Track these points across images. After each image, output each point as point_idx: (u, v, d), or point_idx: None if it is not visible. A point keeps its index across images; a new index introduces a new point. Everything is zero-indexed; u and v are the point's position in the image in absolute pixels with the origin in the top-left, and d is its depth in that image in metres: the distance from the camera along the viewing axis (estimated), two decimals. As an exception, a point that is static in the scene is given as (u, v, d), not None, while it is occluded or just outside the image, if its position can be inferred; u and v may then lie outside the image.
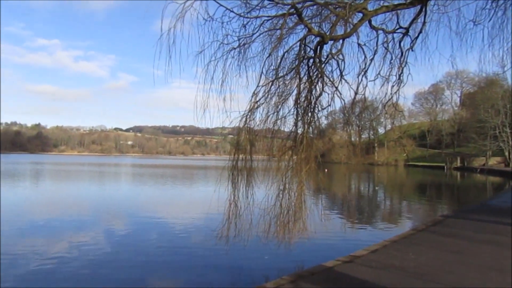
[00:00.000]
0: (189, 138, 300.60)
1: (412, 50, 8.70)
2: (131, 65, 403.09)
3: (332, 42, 7.63)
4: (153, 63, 6.89)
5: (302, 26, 8.18)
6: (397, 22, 8.56)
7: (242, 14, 7.24)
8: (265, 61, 7.72)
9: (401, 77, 8.94)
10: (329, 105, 7.81)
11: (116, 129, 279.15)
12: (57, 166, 67.74)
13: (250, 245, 8.20)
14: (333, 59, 7.87)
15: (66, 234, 12.61)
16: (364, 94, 8.72)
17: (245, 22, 7.65)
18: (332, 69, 8.05)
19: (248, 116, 7.34)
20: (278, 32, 7.95)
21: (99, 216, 16.52)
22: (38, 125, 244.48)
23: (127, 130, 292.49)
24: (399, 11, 8.38)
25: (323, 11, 8.42)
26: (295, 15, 7.57)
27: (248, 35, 7.88)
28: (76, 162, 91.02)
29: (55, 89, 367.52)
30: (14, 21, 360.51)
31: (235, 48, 7.82)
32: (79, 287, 7.82)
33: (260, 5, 7.31)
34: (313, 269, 6.35)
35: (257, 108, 7.50)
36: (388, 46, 8.87)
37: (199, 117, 7.43)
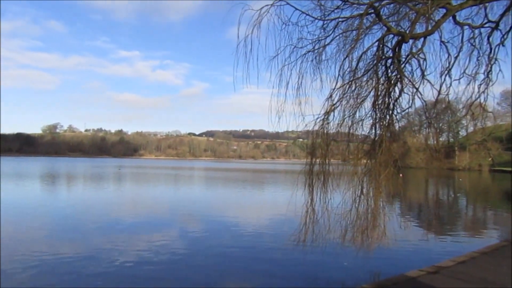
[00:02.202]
0: (259, 142, 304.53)
1: (503, 46, 7.98)
2: (204, 72, 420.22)
3: (412, 40, 7.28)
4: (233, 70, 7.14)
5: (379, 26, 7.92)
6: (485, 15, 7.90)
7: (321, 17, 7.17)
8: (342, 63, 7.54)
9: (490, 75, 8.24)
10: (410, 107, 7.45)
11: (190, 134, 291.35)
12: (137, 169, 72.30)
13: (327, 250, 8.07)
14: (413, 59, 7.49)
15: (144, 234, 13.34)
16: (447, 94, 8.18)
17: (320, 25, 7.60)
18: (412, 69, 7.68)
19: (324, 119, 7.24)
20: (353, 33, 7.78)
21: (175, 218, 17.31)
22: (120, 131, 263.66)
23: (200, 135, 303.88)
24: (487, 4, 7.74)
25: (401, 9, 8.07)
26: (371, 15, 7.36)
27: (322, 38, 7.80)
28: (154, 165, 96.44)
29: (135, 97, 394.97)
30: (100, 35, 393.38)
31: (309, 51, 7.77)
32: (155, 287, 8.19)
33: (340, 6, 7.19)
34: (395, 278, 6.07)
35: (333, 111, 7.37)
36: (474, 42, 8.21)
37: (274, 121, 7.47)
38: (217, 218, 17.32)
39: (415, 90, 7.54)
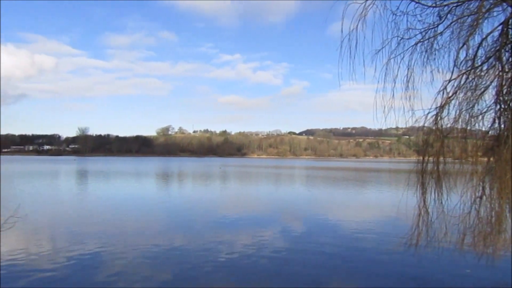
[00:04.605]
0: (360, 140, 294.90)
1: None
2: (303, 71, 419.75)
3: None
4: (338, 66, 6.85)
5: (501, 8, 7.07)
6: None
7: (433, 5, 6.65)
8: (458, 51, 6.90)
9: None
10: (543, 96, 6.49)
11: (290, 133, 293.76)
12: (241, 168, 75.35)
13: (443, 255, 7.45)
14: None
15: (248, 229, 13.86)
16: None
17: (429, 12, 7.06)
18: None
19: (438, 114, 6.69)
20: (470, 18, 7.06)
21: (278, 215, 17.64)
22: (224, 132, 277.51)
23: (300, 133, 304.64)
24: None
25: (528, -15, 7.09)
26: (492, -4, 6.60)
27: (434, 26, 7.22)
28: (257, 164, 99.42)
29: (238, 98, 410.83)
30: (204, 42, 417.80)
31: (419, 42, 7.25)
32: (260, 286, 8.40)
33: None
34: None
35: (448, 104, 6.78)
36: None
37: (379, 117, 7.12)
38: (320, 217, 17.23)
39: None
